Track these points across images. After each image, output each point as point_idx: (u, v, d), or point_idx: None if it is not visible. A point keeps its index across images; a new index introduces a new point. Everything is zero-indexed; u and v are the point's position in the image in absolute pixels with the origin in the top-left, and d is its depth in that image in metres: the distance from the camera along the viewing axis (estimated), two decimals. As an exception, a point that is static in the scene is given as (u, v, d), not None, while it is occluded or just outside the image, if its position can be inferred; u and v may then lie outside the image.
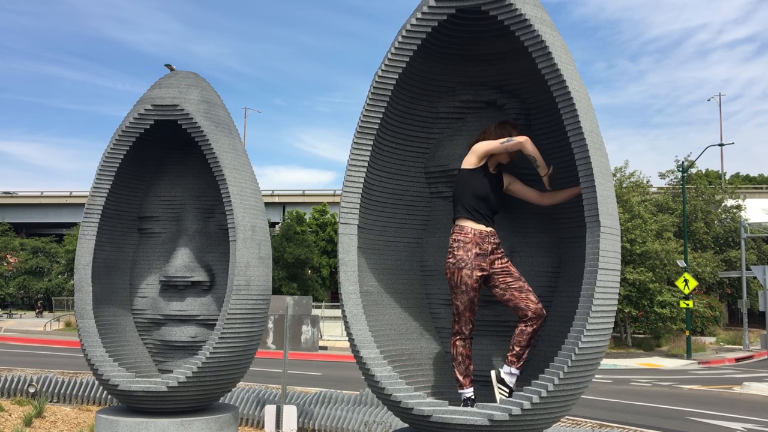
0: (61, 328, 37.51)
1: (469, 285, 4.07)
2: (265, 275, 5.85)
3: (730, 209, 43.01)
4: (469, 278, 4.07)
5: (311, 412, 9.51)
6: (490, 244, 4.15)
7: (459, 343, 4.18)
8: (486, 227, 4.18)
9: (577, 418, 11.45)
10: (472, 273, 4.07)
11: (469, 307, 4.12)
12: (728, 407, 14.12)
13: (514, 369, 4.05)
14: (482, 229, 4.15)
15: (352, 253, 4.26)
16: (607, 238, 3.79)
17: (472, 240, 4.12)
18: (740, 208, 42.87)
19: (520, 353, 4.04)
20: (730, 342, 36.34)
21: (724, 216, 43.06)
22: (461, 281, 4.08)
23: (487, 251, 4.13)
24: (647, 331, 33.09)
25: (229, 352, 5.57)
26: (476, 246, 4.11)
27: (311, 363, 22.29)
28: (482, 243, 4.13)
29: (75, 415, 9.81)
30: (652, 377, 20.88)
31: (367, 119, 4.34)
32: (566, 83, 3.86)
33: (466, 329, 4.15)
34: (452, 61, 4.65)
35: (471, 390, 4.18)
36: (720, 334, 38.24)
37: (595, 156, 3.83)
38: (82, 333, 5.66)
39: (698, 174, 47.42)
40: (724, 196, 43.32)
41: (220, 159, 5.68)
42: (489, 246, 4.14)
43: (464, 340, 4.17)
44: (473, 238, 4.12)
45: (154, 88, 5.93)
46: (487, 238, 4.15)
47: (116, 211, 6.15)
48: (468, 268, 4.07)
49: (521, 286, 4.10)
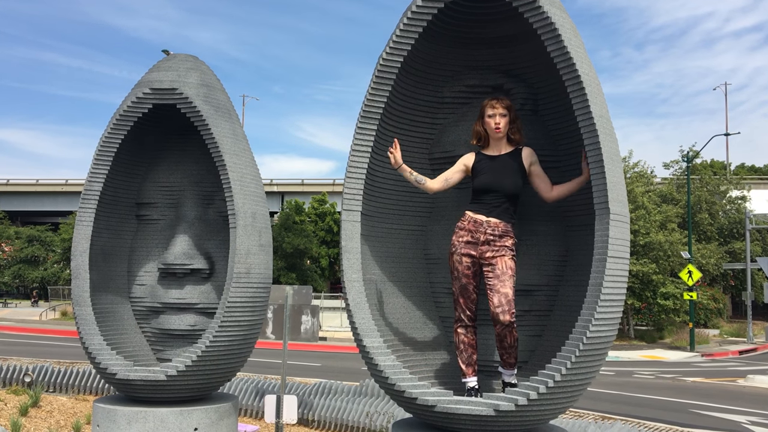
0: (57, 317, 37.57)
1: (460, 271, 4.13)
2: (265, 263, 5.82)
3: (735, 200, 42.99)
4: (459, 264, 4.13)
5: (311, 403, 9.51)
6: (484, 234, 4.11)
7: (460, 330, 4.19)
8: (485, 217, 4.14)
9: (580, 410, 11.46)
10: (462, 259, 4.12)
11: (463, 293, 4.14)
12: (732, 400, 14.14)
13: (512, 369, 4.14)
14: (478, 218, 4.15)
15: (355, 240, 4.23)
16: (617, 226, 3.76)
17: (465, 227, 4.16)
18: (745, 199, 42.85)
19: (506, 357, 4.09)
20: (733, 334, 36.40)
21: (729, 207, 43.05)
22: (453, 266, 4.17)
23: (478, 240, 4.11)
24: (650, 323, 33.17)
25: (229, 341, 5.54)
26: (468, 233, 4.14)
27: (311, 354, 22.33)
28: (475, 231, 4.12)
29: (72, 404, 9.81)
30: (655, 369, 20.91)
31: (371, 103, 4.30)
32: (576, 66, 3.81)
33: (464, 316, 4.16)
34: (458, 44, 4.60)
35: (474, 379, 4.17)
36: (724, 327, 38.30)
37: (605, 141, 3.79)
38: (79, 321, 5.63)
39: (703, 164, 47.36)
40: (729, 187, 43.28)
41: (219, 144, 5.63)
42: (482, 236, 4.11)
43: (465, 327, 4.18)
44: (467, 226, 4.16)
45: (153, 72, 5.87)
46: (481, 227, 4.12)
47: (114, 197, 6.12)
48: (457, 253, 4.14)
49: (493, 284, 4.02)
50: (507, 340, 3.99)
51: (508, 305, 3.94)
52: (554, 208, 4.55)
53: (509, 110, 4.24)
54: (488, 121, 4.24)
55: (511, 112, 4.25)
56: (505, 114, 4.22)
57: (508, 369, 4.15)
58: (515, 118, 4.27)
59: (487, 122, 4.24)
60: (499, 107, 4.22)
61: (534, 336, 4.53)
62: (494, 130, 4.23)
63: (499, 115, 4.21)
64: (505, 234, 4.14)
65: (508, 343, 4.01)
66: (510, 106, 4.25)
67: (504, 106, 4.22)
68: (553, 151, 4.54)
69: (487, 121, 4.24)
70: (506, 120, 4.23)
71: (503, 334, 3.98)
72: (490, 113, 4.23)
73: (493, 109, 4.22)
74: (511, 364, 4.11)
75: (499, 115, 4.21)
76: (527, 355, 4.51)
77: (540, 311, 4.53)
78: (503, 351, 4.07)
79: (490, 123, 4.23)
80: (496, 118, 4.21)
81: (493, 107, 4.22)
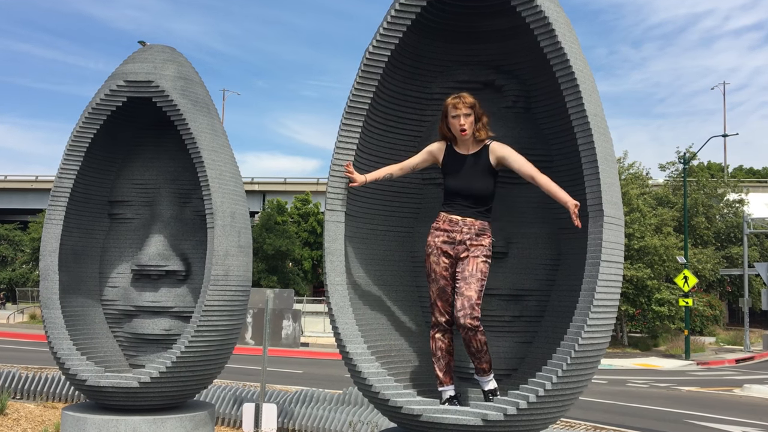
0: (26, 320, 37.24)
1: (437, 272, 4.13)
2: (245, 265, 5.79)
3: (733, 203, 43.37)
4: (437, 265, 4.14)
5: (291, 412, 9.48)
6: (460, 234, 4.11)
7: (437, 336, 4.19)
8: (458, 216, 4.14)
9: (572, 420, 11.50)
10: (439, 260, 4.13)
11: (440, 296, 4.14)
12: (728, 410, 14.25)
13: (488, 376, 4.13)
14: (453, 217, 4.15)
15: (338, 241, 4.22)
16: (611, 229, 3.78)
17: (441, 227, 4.17)
18: (743, 203, 43.24)
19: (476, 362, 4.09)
20: (730, 342, 36.71)
21: (726, 210, 43.43)
22: (430, 268, 4.17)
23: (454, 240, 4.12)
24: (644, 330, 33.35)
25: (206, 347, 5.51)
26: (444, 233, 4.15)
27: (292, 360, 22.27)
28: (451, 231, 4.13)
29: (39, 412, 9.71)
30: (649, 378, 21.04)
31: (357, 99, 4.29)
32: (570, 63, 3.83)
33: (442, 319, 4.16)
34: (448, 39, 4.60)
35: (452, 388, 4.18)
36: (720, 334, 38.64)
37: (599, 141, 3.80)
38: (47, 324, 5.58)
39: (700, 166, 47.72)
40: (727, 190, 43.66)
41: (197, 140, 5.60)
42: (458, 235, 4.11)
43: (443, 333, 4.18)
44: (442, 226, 4.17)
45: (127, 63, 5.83)
46: (457, 225, 4.12)
47: (85, 195, 6.07)
48: (434, 255, 4.15)
49: (459, 286, 4.03)
50: (473, 344, 3.99)
51: (471, 309, 3.94)
52: (546, 210, 4.55)
53: (473, 108, 4.16)
54: (452, 122, 4.18)
55: (475, 109, 4.16)
56: (468, 114, 4.15)
57: (482, 375, 4.13)
58: (480, 115, 4.19)
59: (452, 123, 4.19)
60: (462, 107, 4.14)
61: (524, 343, 4.54)
62: (460, 132, 4.17)
63: (463, 115, 4.14)
64: (482, 232, 4.14)
65: (475, 348, 4.00)
66: (473, 103, 4.16)
67: (467, 105, 4.14)
68: (546, 150, 4.55)
69: (451, 122, 4.19)
70: (470, 120, 4.15)
71: (467, 338, 3.98)
72: (453, 114, 4.16)
73: (456, 110, 4.14)
74: (484, 369, 4.10)
75: (463, 115, 4.14)
76: (517, 363, 4.52)
77: (530, 317, 4.54)
78: (472, 356, 4.07)
79: (454, 124, 4.18)
80: (460, 119, 4.14)
81: (456, 108, 4.14)
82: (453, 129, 4.19)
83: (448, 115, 4.19)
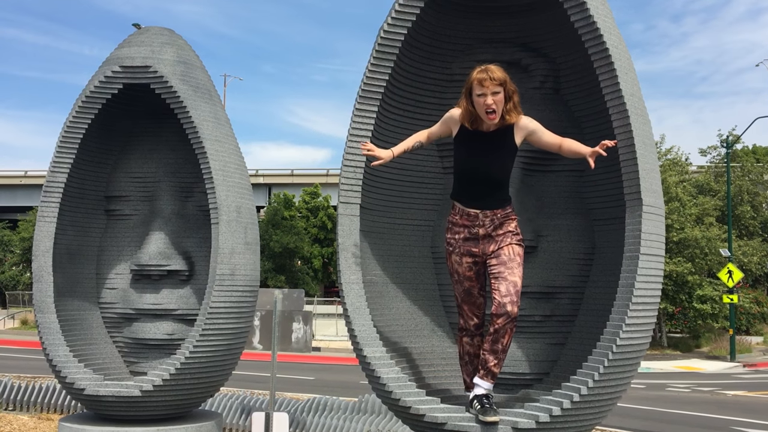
0: (17, 326, 37.61)
1: (461, 273, 4.02)
2: (252, 263, 5.82)
3: (781, 191, 42.96)
4: (459, 265, 4.01)
5: (304, 421, 9.52)
6: (483, 228, 3.92)
7: (465, 340, 4.15)
8: (477, 210, 3.93)
9: (608, 428, 11.47)
10: (462, 260, 4.00)
11: (466, 298, 4.06)
12: (778, 416, 14.15)
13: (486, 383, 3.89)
14: (471, 211, 3.95)
15: (353, 237, 4.22)
16: (650, 219, 3.76)
17: (459, 222, 4.00)
18: (792, 190, 42.84)
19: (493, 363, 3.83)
20: (779, 342, 36.43)
21: (774, 198, 43.02)
22: (452, 268, 4.06)
23: (477, 235, 3.94)
24: (685, 329, 33.18)
25: (212, 352, 5.54)
26: (465, 229, 3.97)
27: (303, 366, 22.36)
28: (471, 226, 3.95)
29: (34, 424, 9.81)
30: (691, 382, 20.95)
31: (371, 82, 4.29)
32: (604, 39, 3.81)
33: (470, 324, 4.10)
34: (469, 14, 4.59)
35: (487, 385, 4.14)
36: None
37: (636, 123, 3.78)
38: (42, 329, 5.63)
39: (744, 150, 47.33)
40: (774, 176, 43.25)
41: (199, 129, 5.62)
42: (480, 230, 3.93)
43: (471, 337, 4.13)
44: (460, 220, 3.99)
45: (123, 47, 5.87)
46: (477, 220, 3.93)
47: (80, 190, 6.11)
48: (456, 253, 4.01)
49: (500, 271, 3.82)
50: (504, 339, 3.76)
51: (516, 296, 3.75)
52: (579, 199, 4.54)
53: (503, 85, 3.80)
54: (478, 101, 3.82)
55: (505, 86, 3.81)
56: (497, 91, 3.79)
57: (486, 380, 3.89)
58: (512, 93, 3.85)
59: (477, 102, 3.83)
60: (490, 85, 3.77)
61: (556, 344, 4.53)
62: (486, 115, 3.85)
63: (491, 94, 3.79)
64: (505, 219, 3.93)
65: (504, 344, 3.78)
66: (503, 80, 3.80)
67: (496, 82, 3.78)
68: (578, 133, 4.53)
69: (476, 101, 3.83)
70: (500, 98, 3.81)
71: (503, 330, 3.74)
72: (479, 92, 3.80)
73: (482, 87, 3.78)
74: (495, 373, 3.89)
75: (491, 93, 3.79)
76: (548, 366, 4.51)
77: (563, 316, 4.53)
78: (494, 355, 3.81)
79: (480, 103, 3.82)
80: (487, 98, 3.79)
81: (482, 84, 3.77)
82: (478, 108, 3.87)
83: (473, 92, 3.84)
